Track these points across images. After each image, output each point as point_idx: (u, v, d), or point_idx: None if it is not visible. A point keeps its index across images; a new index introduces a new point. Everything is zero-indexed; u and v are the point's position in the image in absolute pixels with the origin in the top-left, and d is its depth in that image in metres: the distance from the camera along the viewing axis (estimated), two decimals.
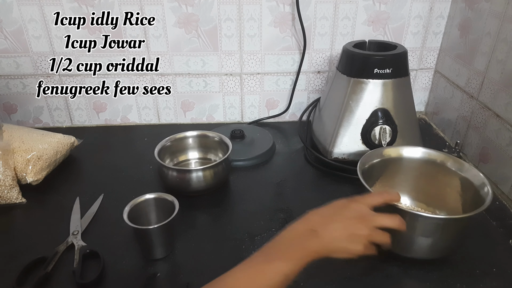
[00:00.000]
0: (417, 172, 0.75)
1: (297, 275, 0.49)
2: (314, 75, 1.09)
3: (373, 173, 0.73)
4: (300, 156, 0.96)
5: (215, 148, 0.90)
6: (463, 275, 0.63)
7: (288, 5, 0.98)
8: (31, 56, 1.01)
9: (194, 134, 0.90)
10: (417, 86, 1.13)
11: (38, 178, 0.82)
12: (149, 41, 1.00)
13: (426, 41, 1.06)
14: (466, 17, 0.94)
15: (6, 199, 0.78)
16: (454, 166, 0.71)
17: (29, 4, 0.94)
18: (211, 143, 0.90)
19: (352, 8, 1.00)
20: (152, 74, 1.05)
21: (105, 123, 1.11)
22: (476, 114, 0.90)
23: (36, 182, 0.82)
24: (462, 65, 0.96)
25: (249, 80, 1.07)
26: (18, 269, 0.61)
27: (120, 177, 0.88)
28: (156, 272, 0.64)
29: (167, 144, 0.86)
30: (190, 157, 0.91)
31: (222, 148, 0.88)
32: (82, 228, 0.72)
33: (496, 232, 0.72)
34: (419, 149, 0.75)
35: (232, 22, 0.99)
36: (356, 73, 0.84)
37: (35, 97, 1.06)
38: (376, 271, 0.64)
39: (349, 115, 0.85)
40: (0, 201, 0.78)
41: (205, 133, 0.90)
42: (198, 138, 0.90)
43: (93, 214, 0.76)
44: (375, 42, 0.93)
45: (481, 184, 0.65)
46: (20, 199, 0.79)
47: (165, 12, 0.97)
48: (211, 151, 0.91)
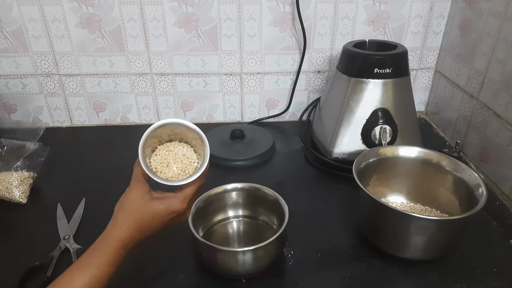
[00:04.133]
0: (413, 172, 0.75)
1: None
2: (314, 75, 1.08)
3: (369, 172, 0.74)
4: (300, 156, 0.96)
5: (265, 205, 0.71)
6: (463, 275, 0.63)
7: (288, 5, 0.98)
8: (31, 56, 1.01)
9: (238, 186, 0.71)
10: (417, 86, 1.13)
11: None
12: (149, 40, 1.00)
13: (426, 41, 1.06)
14: (466, 17, 0.94)
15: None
16: (450, 166, 0.71)
17: (29, 4, 0.94)
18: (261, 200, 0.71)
19: (352, 8, 0.99)
20: (152, 74, 1.05)
21: (105, 123, 1.11)
22: (476, 114, 0.90)
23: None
24: (462, 65, 0.96)
25: (249, 80, 1.07)
26: (16, 278, 0.61)
27: (120, 177, 0.88)
28: (155, 270, 0.64)
29: (199, 204, 0.67)
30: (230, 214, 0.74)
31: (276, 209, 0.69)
32: (72, 231, 0.71)
33: (496, 232, 0.72)
34: (415, 149, 0.75)
35: (232, 21, 0.99)
36: (356, 73, 0.84)
37: (35, 96, 1.06)
38: (375, 271, 0.64)
39: (349, 115, 0.85)
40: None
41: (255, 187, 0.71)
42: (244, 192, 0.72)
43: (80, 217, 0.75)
44: (375, 42, 0.93)
45: (476, 185, 0.65)
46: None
47: (165, 12, 0.97)
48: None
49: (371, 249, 0.68)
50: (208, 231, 0.70)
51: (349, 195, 0.82)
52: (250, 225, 0.72)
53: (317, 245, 0.69)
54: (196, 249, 0.64)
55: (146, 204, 0.52)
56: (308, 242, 0.70)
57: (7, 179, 0.79)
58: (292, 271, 0.64)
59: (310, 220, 0.75)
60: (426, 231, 0.60)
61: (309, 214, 0.77)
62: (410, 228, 0.61)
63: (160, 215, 0.52)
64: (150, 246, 0.68)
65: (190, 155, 0.56)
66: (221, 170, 0.91)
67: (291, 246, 0.68)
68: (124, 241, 0.51)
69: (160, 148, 0.56)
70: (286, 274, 0.64)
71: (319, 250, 0.68)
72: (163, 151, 0.55)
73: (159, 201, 0.53)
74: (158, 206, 0.52)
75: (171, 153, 0.55)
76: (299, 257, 0.67)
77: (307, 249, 0.68)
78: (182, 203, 0.53)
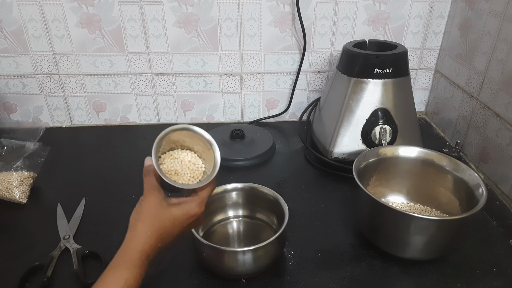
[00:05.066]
0: (413, 172, 0.75)
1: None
2: (314, 75, 1.08)
3: (369, 172, 0.74)
4: (300, 156, 0.96)
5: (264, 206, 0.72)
6: (463, 275, 0.63)
7: (288, 5, 0.98)
8: (31, 56, 1.01)
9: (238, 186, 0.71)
10: (417, 86, 1.13)
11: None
12: (149, 40, 1.00)
13: (426, 40, 1.06)
14: (466, 17, 0.94)
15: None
16: (450, 166, 0.71)
17: (29, 4, 0.94)
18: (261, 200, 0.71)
19: (352, 8, 0.99)
20: (152, 74, 1.05)
21: (105, 122, 1.11)
22: (476, 114, 0.90)
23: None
24: (462, 65, 0.96)
25: (249, 79, 1.07)
26: (16, 278, 0.61)
27: (120, 177, 0.88)
28: (155, 270, 0.64)
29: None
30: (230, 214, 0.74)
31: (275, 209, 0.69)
32: (72, 231, 0.71)
33: (496, 232, 0.72)
34: (415, 149, 0.75)
35: (232, 21, 0.99)
36: (356, 73, 0.84)
37: (35, 96, 1.06)
38: (376, 271, 0.64)
39: (349, 115, 0.85)
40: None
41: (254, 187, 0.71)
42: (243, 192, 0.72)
43: (80, 217, 0.75)
44: (375, 42, 0.93)
45: (476, 185, 0.65)
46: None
47: (165, 12, 0.97)
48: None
49: (371, 249, 0.68)
50: (208, 231, 0.70)
51: (349, 195, 0.82)
52: (250, 225, 0.72)
53: (317, 245, 0.69)
54: (196, 249, 0.64)
55: (165, 210, 0.52)
56: (308, 242, 0.70)
57: (7, 179, 0.79)
58: (292, 271, 0.64)
59: (310, 220, 0.75)
60: (426, 231, 0.60)
61: (309, 214, 0.77)
62: (410, 228, 0.61)
63: (180, 220, 0.52)
64: None
65: (196, 161, 0.57)
66: (221, 170, 0.89)
67: (291, 246, 0.68)
68: (147, 251, 0.50)
69: (164, 157, 0.56)
70: (286, 274, 0.64)
71: (319, 250, 0.68)
72: (168, 159, 0.55)
73: (178, 206, 0.53)
74: (178, 211, 0.52)
75: (176, 161, 0.55)
76: (299, 257, 0.67)
77: (307, 249, 0.68)
78: (200, 206, 0.53)
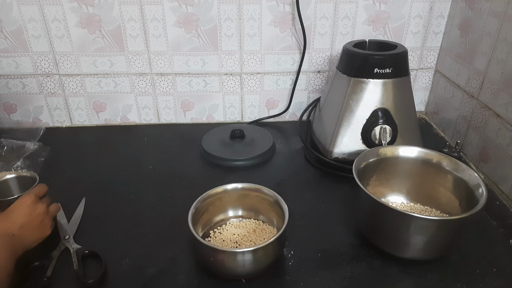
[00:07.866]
0: (413, 172, 0.75)
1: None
2: (314, 75, 1.08)
3: (369, 172, 0.74)
4: (300, 156, 0.96)
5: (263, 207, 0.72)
6: (463, 275, 0.63)
7: (288, 5, 0.98)
8: (31, 56, 1.01)
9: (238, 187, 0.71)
10: (417, 86, 1.13)
11: None
12: (149, 40, 1.00)
13: (426, 40, 1.06)
14: (466, 16, 0.94)
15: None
16: (450, 166, 0.71)
17: (29, 4, 0.94)
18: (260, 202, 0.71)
19: (352, 8, 0.99)
20: (152, 74, 1.05)
21: (105, 122, 1.11)
22: (476, 114, 0.90)
23: None
24: (462, 65, 0.96)
25: (249, 79, 1.07)
26: (16, 278, 0.60)
27: (120, 177, 0.88)
28: (155, 270, 0.64)
29: (199, 204, 0.67)
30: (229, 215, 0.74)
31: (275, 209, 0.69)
32: (72, 231, 0.71)
33: (496, 232, 0.72)
34: (415, 149, 0.75)
35: (232, 21, 0.99)
36: (356, 72, 0.84)
37: (35, 96, 1.06)
38: (375, 271, 0.64)
39: (349, 115, 0.85)
40: None
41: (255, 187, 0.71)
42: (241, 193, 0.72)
43: (80, 217, 0.75)
44: (375, 42, 0.93)
45: (476, 185, 0.65)
46: None
47: (165, 12, 0.97)
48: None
49: (371, 249, 0.68)
50: (208, 231, 0.70)
51: (349, 195, 0.82)
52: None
53: (317, 245, 0.69)
54: (196, 249, 0.64)
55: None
56: (308, 242, 0.70)
57: None
58: (292, 271, 0.64)
59: (310, 220, 0.75)
60: (426, 231, 0.60)
61: (309, 214, 0.77)
62: (410, 228, 0.61)
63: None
64: (150, 246, 0.68)
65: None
66: (221, 170, 0.91)
67: (291, 246, 0.68)
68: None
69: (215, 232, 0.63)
70: (286, 274, 0.64)
71: (319, 250, 0.68)
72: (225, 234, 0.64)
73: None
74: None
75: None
76: (299, 257, 0.67)
77: (307, 249, 0.68)
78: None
